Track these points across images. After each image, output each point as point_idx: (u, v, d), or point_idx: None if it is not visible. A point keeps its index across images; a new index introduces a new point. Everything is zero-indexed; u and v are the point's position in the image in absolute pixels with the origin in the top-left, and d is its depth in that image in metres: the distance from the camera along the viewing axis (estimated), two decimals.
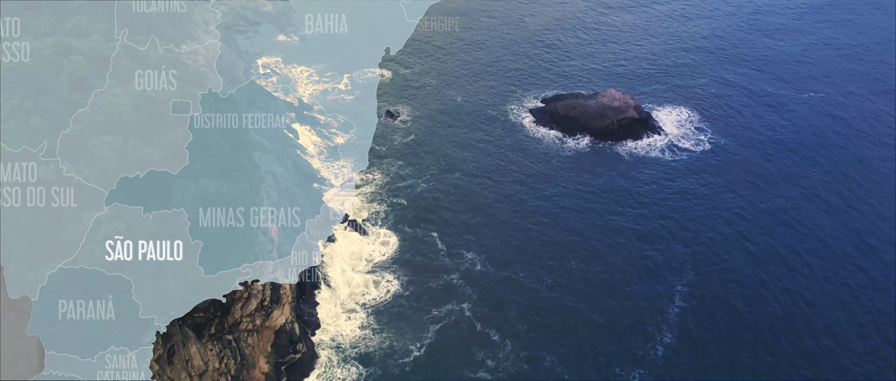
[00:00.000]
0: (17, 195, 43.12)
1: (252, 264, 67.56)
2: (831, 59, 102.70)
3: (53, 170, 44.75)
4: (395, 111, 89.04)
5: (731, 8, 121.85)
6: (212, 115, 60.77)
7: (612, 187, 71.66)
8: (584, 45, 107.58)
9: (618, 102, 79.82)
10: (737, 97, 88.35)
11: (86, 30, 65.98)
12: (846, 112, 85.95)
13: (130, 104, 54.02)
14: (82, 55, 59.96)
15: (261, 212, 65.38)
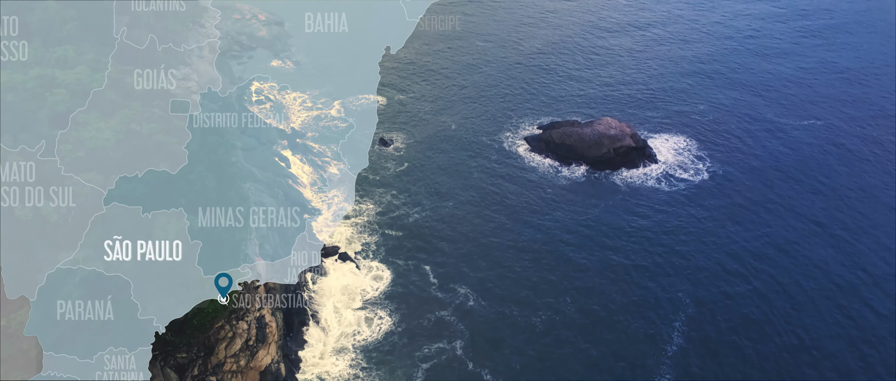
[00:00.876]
0: (16, 195, 43.54)
1: (251, 264, 68.10)
2: (831, 83, 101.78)
3: (52, 169, 46.01)
4: (389, 139, 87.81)
5: (727, 31, 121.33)
6: (197, 149, 59.43)
7: (609, 219, 70.07)
8: (580, 69, 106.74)
9: (614, 131, 78.54)
10: (735, 124, 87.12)
11: (72, 61, 64.84)
12: (848, 139, 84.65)
13: (113, 139, 52.73)
14: (66, 88, 58.76)
15: (249, 244, 64.03)
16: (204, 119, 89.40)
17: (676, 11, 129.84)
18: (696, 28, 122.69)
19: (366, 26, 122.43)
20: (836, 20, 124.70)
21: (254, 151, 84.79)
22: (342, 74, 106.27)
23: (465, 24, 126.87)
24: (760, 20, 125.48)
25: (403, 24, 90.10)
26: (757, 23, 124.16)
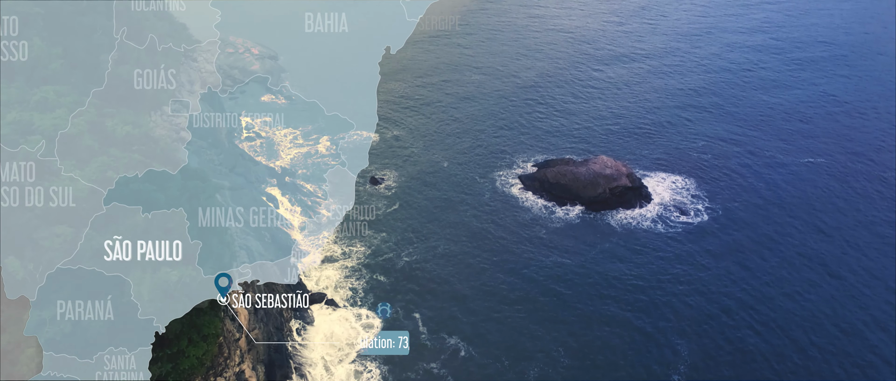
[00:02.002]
0: (16, 195, 44.65)
1: (251, 265, 67.24)
2: (831, 116, 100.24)
3: (52, 169, 47.62)
4: (380, 177, 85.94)
5: (724, 63, 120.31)
6: (177, 195, 57.52)
7: (604, 263, 67.75)
8: (575, 102, 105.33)
9: (610, 170, 76.63)
10: (735, 161, 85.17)
11: (51, 103, 63.37)
12: (850, 176, 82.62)
13: (86, 190, 50.80)
14: (42, 135, 56.97)
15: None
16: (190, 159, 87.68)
17: (673, 43, 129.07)
18: (693, 60, 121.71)
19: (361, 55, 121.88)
20: (834, 51, 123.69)
21: (241, 190, 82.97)
22: (335, 110, 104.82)
23: (460, 55, 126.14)
24: (758, 52, 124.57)
25: (404, 26, 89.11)
26: (754, 55, 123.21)
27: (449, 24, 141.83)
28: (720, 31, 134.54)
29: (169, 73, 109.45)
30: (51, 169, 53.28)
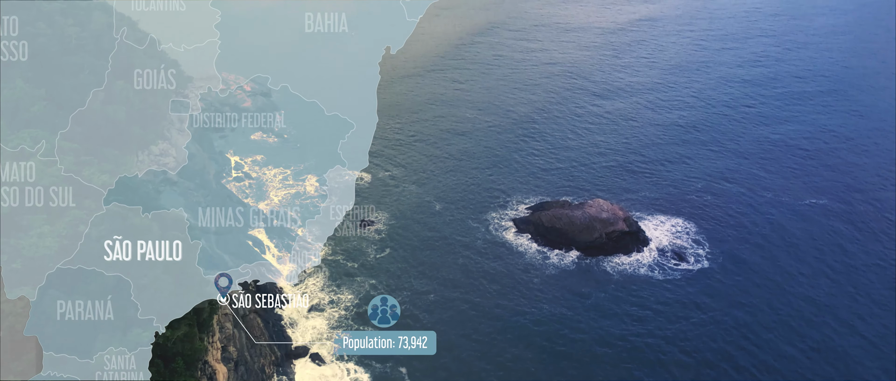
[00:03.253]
0: (16, 195, 45.93)
1: (251, 265, 66.02)
2: (832, 152, 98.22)
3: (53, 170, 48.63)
4: (370, 220, 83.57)
5: (721, 96, 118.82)
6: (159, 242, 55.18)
7: (601, 312, 65.06)
8: (571, 139, 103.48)
9: (606, 213, 74.34)
10: (735, 204, 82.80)
11: (26, 153, 61.50)
12: (853, 216, 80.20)
13: (55, 246, 48.50)
14: (16, 187, 54.97)
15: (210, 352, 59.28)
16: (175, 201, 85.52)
17: (670, 77, 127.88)
18: (690, 94, 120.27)
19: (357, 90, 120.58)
20: (832, 85, 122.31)
21: (227, 235, 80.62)
22: (327, 149, 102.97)
23: (454, 90, 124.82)
24: (755, 85, 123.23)
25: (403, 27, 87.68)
26: (751, 88, 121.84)
27: (442, 58, 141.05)
28: (717, 65, 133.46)
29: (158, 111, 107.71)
30: (18, 224, 51.23)
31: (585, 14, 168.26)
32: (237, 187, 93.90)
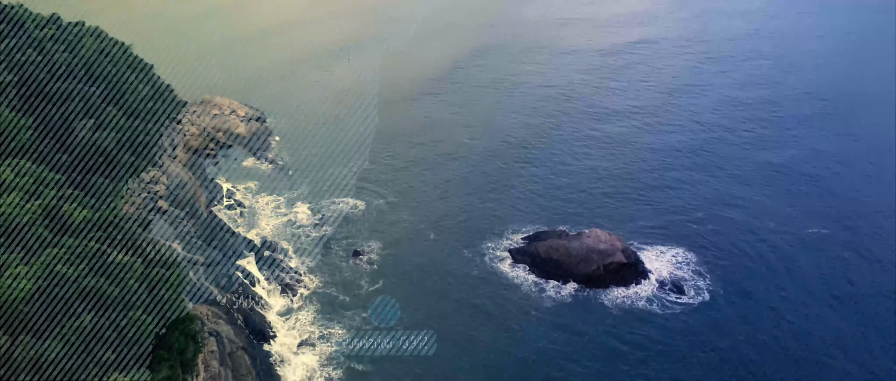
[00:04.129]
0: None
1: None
2: (833, 176, 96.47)
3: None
4: (363, 250, 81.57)
5: (720, 119, 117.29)
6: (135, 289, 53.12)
7: (598, 349, 62.93)
8: (569, 163, 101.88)
9: (604, 244, 72.53)
10: (737, 232, 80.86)
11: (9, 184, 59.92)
12: (859, 245, 78.25)
13: (30, 288, 46.60)
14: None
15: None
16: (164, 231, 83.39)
17: (667, 99, 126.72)
18: (688, 117, 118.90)
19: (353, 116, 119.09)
20: (832, 108, 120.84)
21: (217, 266, 78.73)
22: (320, 175, 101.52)
23: (450, 114, 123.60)
24: (754, 108, 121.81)
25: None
26: (750, 111, 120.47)
27: (438, 82, 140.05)
28: (715, 87, 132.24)
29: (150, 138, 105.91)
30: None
31: (582, 36, 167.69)
32: (228, 216, 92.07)
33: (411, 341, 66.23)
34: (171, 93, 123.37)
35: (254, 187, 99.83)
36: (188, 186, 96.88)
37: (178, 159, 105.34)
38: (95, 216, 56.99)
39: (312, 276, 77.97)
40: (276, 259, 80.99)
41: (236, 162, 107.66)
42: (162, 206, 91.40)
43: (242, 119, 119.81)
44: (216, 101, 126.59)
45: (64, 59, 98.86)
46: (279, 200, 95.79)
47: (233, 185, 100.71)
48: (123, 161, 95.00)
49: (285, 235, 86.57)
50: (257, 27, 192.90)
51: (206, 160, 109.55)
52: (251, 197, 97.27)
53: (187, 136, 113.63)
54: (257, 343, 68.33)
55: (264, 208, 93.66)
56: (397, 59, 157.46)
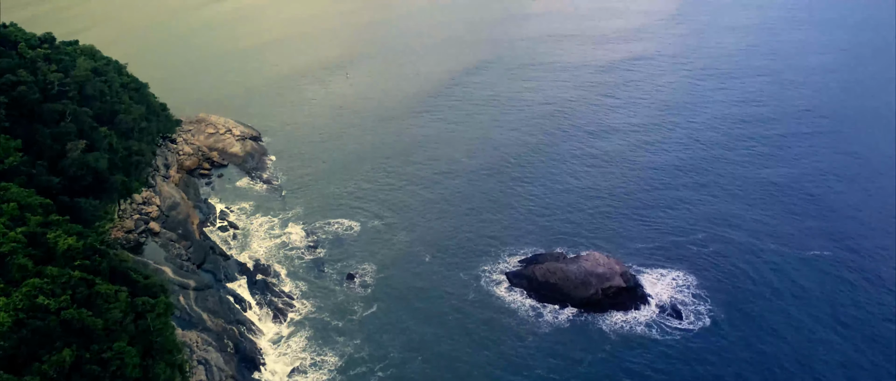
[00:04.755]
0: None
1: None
2: (834, 194, 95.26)
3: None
4: (357, 273, 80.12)
5: (719, 136, 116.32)
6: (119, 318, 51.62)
7: (596, 376, 61.31)
8: (566, 181, 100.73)
9: (602, 268, 71.13)
10: (737, 255, 79.34)
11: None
12: (864, 266, 76.82)
13: (8, 321, 45.13)
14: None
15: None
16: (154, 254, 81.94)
17: (667, 117, 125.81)
18: (688, 134, 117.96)
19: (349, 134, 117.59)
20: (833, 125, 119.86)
21: (208, 290, 77.08)
22: (315, 195, 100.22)
23: (447, 131, 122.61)
24: (754, 125, 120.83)
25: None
26: (750, 128, 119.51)
27: (434, 99, 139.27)
28: (714, 104, 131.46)
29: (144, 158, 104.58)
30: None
31: (579, 52, 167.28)
32: (221, 238, 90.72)
33: (404, 368, 64.64)
34: (166, 112, 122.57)
35: (248, 208, 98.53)
36: (181, 208, 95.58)
37: (172, 179, 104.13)
38: (81, 244, 55.53)
39: (305, 300, 76.47)
40: (269, 283, 79.52)
41: (230, 182, 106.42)
42: (154, 228, 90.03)
43: (238, 138, 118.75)
44: (211, 119, 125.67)
45: (56, 79, 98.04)
46: (273, 220, 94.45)
47: (226, 205, 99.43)
48: (116, 182, 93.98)
49: (278, 257, 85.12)
50: (254, 42, 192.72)
51: (201, 180, 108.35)
52: (245, 218, 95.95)
53: (181, 155, 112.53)
54: (248, 371, 66.69)
55: (258, 229, 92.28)
56: (394, 75, 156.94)
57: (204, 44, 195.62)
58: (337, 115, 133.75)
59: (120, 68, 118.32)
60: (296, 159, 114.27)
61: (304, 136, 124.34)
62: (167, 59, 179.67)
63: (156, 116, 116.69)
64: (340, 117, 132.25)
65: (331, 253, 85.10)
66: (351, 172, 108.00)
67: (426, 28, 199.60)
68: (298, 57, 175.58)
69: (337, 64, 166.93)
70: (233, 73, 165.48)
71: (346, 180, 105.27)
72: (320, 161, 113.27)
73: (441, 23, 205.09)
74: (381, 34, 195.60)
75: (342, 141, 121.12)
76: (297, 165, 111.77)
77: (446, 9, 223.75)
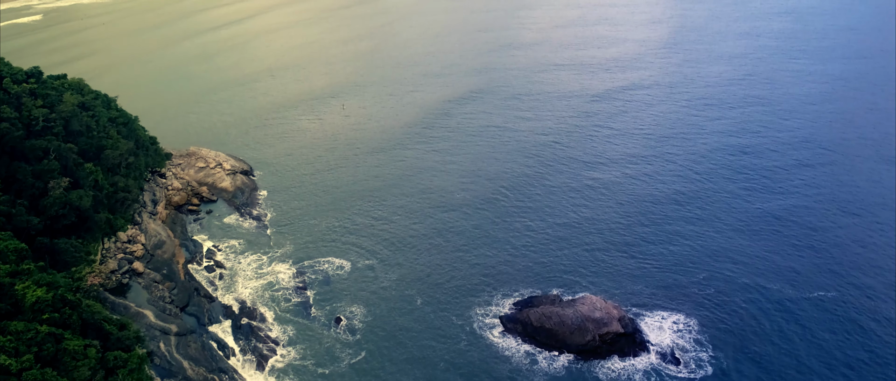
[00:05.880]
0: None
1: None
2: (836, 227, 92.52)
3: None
4: (345, 316, 77.24)
5: (721, 168, 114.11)
6: (89, 376, 48.87)
7: None
8: (561, 215, 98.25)
9: (599, 313, 68.34)
10: (740, 297, 76.50)
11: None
12: (865, 314, 73.95)
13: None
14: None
15: None
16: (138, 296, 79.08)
17: (664, 147, 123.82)
18: (686, 164, 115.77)
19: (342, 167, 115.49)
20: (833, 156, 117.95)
21: (190, 336, 74.13)
22: (305, 232, 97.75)
23: (440, 161, 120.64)
24: (754, 156, 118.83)
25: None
26: (750, 159, 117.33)
27: (428, 129, 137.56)
28: (710, 134, 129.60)
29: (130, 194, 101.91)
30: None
31: (573, 81, 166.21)
32: (206, 278, 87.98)
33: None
34: (155, 145, 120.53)
35: (236, 246, 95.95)
36: (167, 246, 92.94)
37: (159, 216, 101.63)
38: (50, 295, 52.91)
39: (290, 347, 73.49)
40: (254, 327, 76.62)
41: (219, 218, 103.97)
42: (137, 268, 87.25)
43: (228, 172, 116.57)
44: (202, 152, 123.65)
45: (41, 114, 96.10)
46: (262, 259, 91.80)
47: (214, 243, 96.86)
48: (100, 221, 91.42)
49: (265, 299, 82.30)
50: (248, 72, 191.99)
51: (189, 216, 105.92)
52: (233, 256, 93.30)
53: (170, 190, 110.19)
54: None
55: (245, 268, 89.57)
56: (388, 105, 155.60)
57: (197, 74, 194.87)
58: (331, 146, 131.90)
59: (109, 102, 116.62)
60: (287, 193, 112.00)
61: (297, 168, 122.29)
62: (160, 89, 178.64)
63: (145, 151, 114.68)
64: (334, 149, 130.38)
65: (319, 294, 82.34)
66: (343, 207, 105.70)
67: (421, 56, 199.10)
68: (293, 86, 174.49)
69: (331, 93, 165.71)
70: (226, 103, 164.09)
71: (338, 215, 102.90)
72: (312, 195, 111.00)
73: (436, 51, 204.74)
74: (375, 63, 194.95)
75: (335, 173, 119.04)
76: (288, 199, 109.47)
77: (441, 37, 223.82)
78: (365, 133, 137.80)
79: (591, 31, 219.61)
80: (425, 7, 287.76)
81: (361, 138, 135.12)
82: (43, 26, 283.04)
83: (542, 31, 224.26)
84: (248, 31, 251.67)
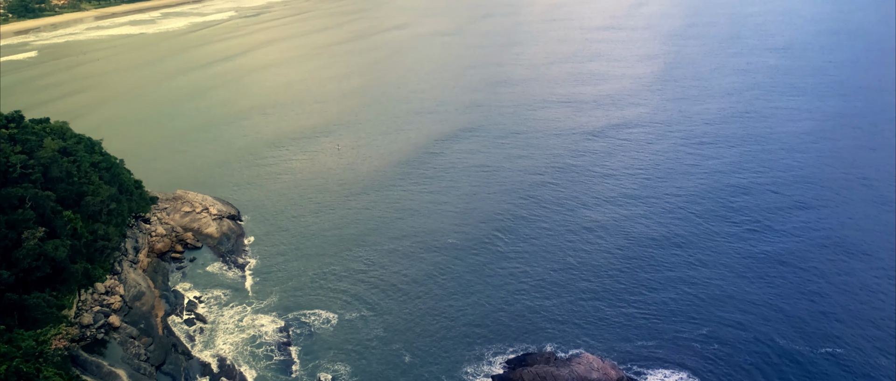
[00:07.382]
0: None
1: None
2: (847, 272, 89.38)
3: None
4: (329, 377, 73.25)
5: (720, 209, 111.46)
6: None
7: None
8: (556, 260, 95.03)
9: (596, 374, 64.65)
10: (745, 347, 72.93)
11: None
12: (876, 369, 70.38)
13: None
14: None
15: None
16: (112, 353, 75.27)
17: (661, 186, 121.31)
18: (682, 204, 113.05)
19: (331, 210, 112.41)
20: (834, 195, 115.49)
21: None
22: (292, 281, 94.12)
23: (430, 202, 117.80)
24: (753, 196, 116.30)
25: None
26: (746, 198, 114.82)
27: (417, 169, 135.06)
28: (706, 172, 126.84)
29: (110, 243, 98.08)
30: None
31: (569, 117, 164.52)
32: (185, 332, 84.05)
33: None
34: (140, 190, 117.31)
35: (220, 296, 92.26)
36: (146, 298, 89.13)
37: (140, 265, 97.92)
38: (3, 369, 49.23)
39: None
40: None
41: (203, 267, 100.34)
42: (114, 322, 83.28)
43: (215, 217, 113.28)
44: (188, 196, 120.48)
45: (19, 161, 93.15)
46: (245, 311, 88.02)
47: (196, 294, 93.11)
48: (76, 272, 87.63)
49: (246, 355, 78.33)
50: (237, 110, 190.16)
51: (172, 264, 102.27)
52: (216, 308, 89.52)
53: (154, 237, 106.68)
54: None
55: (227, 321, 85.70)
56: (381, 143, 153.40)
57: (188, 111, 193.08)
58: (321, 187, 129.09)
59: (92, 145, 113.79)
60: (275, 238, 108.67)
61: (285, 211, 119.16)
62: (150, 127, 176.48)
63: (129, 196, 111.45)
64: (325, 190, 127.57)
65: (303, 349, 78.45)
66: (332, 252, 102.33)
67: (414, 93, 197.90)
68: (284, 124, 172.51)
69: (323, 131, 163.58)
70: (216, 142, 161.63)
71: (326, 261, 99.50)
72: (300, 240, 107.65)
73: (429, 88, 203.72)
74: (367, 101, 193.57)
75: (325, 216, 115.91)
76: (275, 245, 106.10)
77: (434, 74, 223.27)
78: (356, 174, 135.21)
79: (584, 67, 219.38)
80: (418, 43, 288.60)
81: (353, 179, 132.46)
82: (37, 62, 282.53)
83: (535, 68, 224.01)
84: (241, 67, 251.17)
